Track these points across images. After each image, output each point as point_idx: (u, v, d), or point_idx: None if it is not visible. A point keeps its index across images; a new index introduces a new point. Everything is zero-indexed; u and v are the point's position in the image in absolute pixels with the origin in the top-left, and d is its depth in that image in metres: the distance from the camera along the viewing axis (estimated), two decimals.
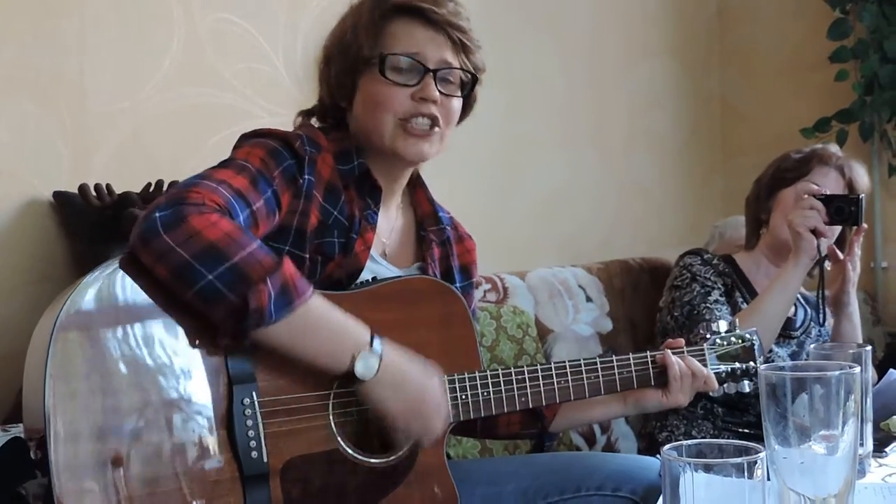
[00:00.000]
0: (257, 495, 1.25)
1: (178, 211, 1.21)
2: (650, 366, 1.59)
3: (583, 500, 1.54)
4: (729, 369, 1.68)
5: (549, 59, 3.10)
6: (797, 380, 1.01)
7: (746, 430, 2.22)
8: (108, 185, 1.91)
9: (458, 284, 1.64)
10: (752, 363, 1.70)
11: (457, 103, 1.53)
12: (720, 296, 2.24)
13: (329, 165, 1.47)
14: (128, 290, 1.22)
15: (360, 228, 1.48)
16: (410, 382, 1.35)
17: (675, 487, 0.89)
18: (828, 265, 2.20)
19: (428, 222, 1.64)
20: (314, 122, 1.60)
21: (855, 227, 2.15)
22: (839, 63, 3.35)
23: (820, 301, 2.19)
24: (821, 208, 2.08)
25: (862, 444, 1.37)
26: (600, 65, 3.29)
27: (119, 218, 1.83)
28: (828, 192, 2.12)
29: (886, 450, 1.59)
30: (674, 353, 1.61)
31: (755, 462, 0.88)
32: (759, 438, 1.10)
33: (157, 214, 1.21)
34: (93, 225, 1.86)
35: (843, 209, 2.08)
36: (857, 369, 1.03)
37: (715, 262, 2.32)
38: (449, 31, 1.49)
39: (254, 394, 1.27)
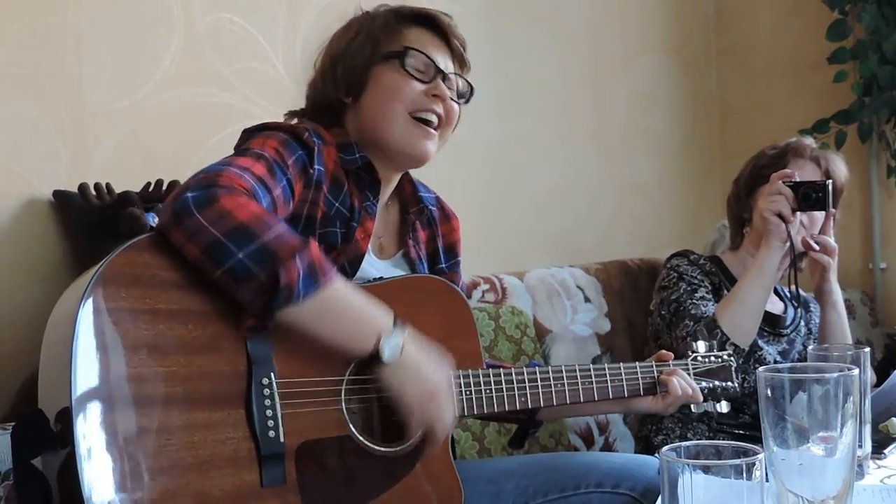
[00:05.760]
0: (273, 474, 1.27)
1: (210, 192, 1.24)
2: (640, 379, 1.67)
3: (582, 497, 1.56)
4: (711, 385, 1.75)
5: (546, 57, 3.11)
6: (796, 381, 1.01)
7: (741, 432, 2.22)
8: (107, 185, 1.91)
9: (444, 264, 1.70)
10: (730, 383, 1.76)
11: (457, 109, 1.61)
12: (707, 293, 2.25)
13: (333, 158, 1.51)
14: (151, 270, 1.23)
15: (360, 218, 1.52)
16: (428, 369, 1.37)
17: (674, 488, 0.89)
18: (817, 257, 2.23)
19: (410, 204, 1.68)
20: None
21: (826, 213, 2.18)
22: (838, 64, 3.35)
23: (794, 286, 2.21)
24: (788, 194, 2.10)
25: (860, 446, 1.37)
26: (598, 63, 3.29)
27: (118, 217, 1.83)
28: (797, 179, 2.14)
29: (885, 451, 1.59)
30: (659, 365, 1.69)
31: (754, 463, 0.88)
32: (755, 439, 1.10)
33: (189, 195, 1.24)
34: (93, 224, 1.86)
35: (811, 195, 2.10)
36: (856, 371, 1.03)
37: (701, 262, 2.34)
38: (453, 43, 1.60)
39: (272, 374, 1.28)
